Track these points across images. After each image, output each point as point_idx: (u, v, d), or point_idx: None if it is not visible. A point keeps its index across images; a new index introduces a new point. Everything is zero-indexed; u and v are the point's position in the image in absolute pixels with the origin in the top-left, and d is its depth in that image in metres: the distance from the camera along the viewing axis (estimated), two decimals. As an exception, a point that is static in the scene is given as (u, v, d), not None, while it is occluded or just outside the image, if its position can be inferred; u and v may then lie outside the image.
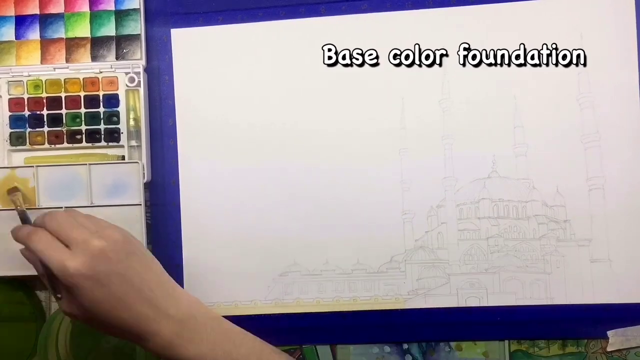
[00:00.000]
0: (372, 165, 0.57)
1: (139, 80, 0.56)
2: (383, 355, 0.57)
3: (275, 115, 0.57)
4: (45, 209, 0.55)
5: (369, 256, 0.57)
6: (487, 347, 0.56)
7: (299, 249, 0.57)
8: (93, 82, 0.57)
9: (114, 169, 0.55)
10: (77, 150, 0.57)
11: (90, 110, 0.57)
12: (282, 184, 0.57)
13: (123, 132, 0.57)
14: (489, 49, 0.56)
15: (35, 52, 0.58)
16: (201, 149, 0.58)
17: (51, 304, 0.59)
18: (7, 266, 0.55)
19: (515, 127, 0.55)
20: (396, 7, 0.56)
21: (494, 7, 0.56)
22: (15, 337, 0.57)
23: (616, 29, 0.55)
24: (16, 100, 0.57)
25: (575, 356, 0.55)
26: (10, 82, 0.57)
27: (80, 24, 0.58)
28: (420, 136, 0.56)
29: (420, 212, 0.56)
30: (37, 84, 0.57)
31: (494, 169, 0.56)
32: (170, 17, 0.58)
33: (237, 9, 0.57)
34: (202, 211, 0.57)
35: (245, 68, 0.57)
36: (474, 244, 0.56)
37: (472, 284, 0.56)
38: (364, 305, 0.56)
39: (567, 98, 0.55)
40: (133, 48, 0.57)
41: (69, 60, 0.57)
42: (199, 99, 0.58)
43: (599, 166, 0.55)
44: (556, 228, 0.55)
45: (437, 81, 0.56)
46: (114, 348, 0.57)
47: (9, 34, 0.58)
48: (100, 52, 0.57)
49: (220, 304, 0.57)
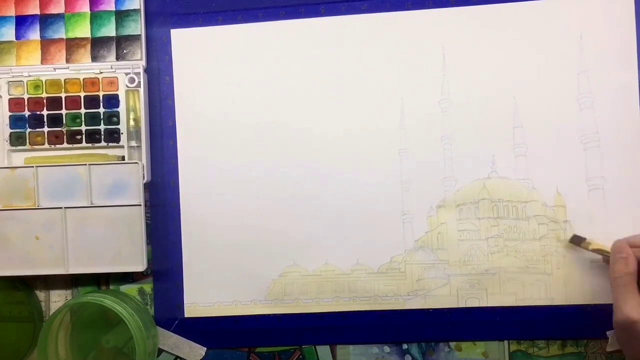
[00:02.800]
0: (372, 165, 0.57)
1: (139, 80, 0.57)
2: (383, 355, 0.57)
3: (275, 115, 0.57)
4: (45, 209, 0.55)
5: (369, 256, 0.57)
6: (487, 347, 0.56)
7: (298, 249, 0.57)
8: (93, 82, 0.57)
9: (113, 169, 0.55)
10: (77, 150, 0.57)
11: (90, 111, 0.57)
12: (281, 184, 0.57)
13: (123, 133, 0.57)
14: (489, 49, 0.56)
15: (35, 53, 0.58)
16: (201, 149, 0.58)
17: (51, 303, 0.59)
18: (7, 266, 0.55)
19: (515, 127, 0.55)
20: (396, 7, 0.56)
21: (494, 7, 0.56)
22: (15, 337, 0.57)
23: (616, 29, 0.55)
24: (16, 100, 0.57)
25: (575, 356, 0.55)
26: (11, 82, 0.57)
27: (80, 25, 0.58)
28: (420, 136, 0.56)
29: (420, 213, 0.56)
30: (37, 84, 0.57)
31: (494, 169, 0.56)
32: (170, 17, 0.58)
33: (237, 9, 0.57)
34: (202, 211, 0.57)
35: (245, 68, 0.57)
36: (473, 244, 0.56)
37: (472, 285, 0.56)
38: (363, 305, 0.56)
39: (567, 98, 0.55)
40: (133, 48, 0.57)
41: (69, 60, 0.57)
42: (198, 99, 0.58)
43: (598, 166, 0.55)
44: (556, 228, 0.55)
45: (437, 81, 0.56)
46: (114, 348, 0.57)
47: (9, 34, 0.58)
48: (101, 52, 0.57)
49: (220, 304, 0.57)
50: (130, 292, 0.58)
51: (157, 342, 0.57)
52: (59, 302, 0.58)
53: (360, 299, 0.57)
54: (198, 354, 0.57)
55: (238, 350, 0.58)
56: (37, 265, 0.55)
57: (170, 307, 0.58)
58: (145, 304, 0.58)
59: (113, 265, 0.55)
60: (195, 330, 0.57)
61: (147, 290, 0.58)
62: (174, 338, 0.57)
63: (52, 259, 0.55)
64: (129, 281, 0.58)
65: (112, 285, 0.58)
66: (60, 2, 0.58)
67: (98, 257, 0.55)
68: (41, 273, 0.55)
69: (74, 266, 0.55)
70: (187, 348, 0.57)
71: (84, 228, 0.55)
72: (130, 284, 0.58)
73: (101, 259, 0.55)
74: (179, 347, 0.57)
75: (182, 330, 0.57)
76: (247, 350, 0.58)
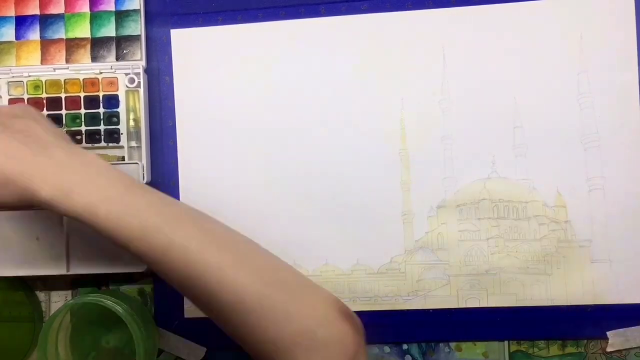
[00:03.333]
0: (372, 165, 0.56)
1: (139, 81, 0.56)
2: (383, 355, 0.57)
3: (275, 115, 0.57)
4: (45, 210, 0.55)
5: (369, 257, 0.56)
6: (487, 347, 0.56)
7: (298, 249, 0.57)
8: (93, 82, 0.57)
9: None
10: None
11: (90, 111, 0.57)
12: (281, 184, 0.57)
13: (123, 133, 0.57)
14: (489, 49, 0.56)
15: (35, 53, 0.58)
16: (201, 150, 0.58)
17: (51, 304, 0.59)
18: (8, 266, 0.55)
19: (515, 127, 0.55)
20: (396, 7, 0.56)
21: (494, 7, 0.56)
22: (14, 337, 0.57)
23: (616, 29, 0.55)
24: (16, 100, 0.57)
25: (575, 356, 0.55)
26: (10, 83, 0.57)
27: (80, 25, 0.58)
28: (420, 136, 0.56)
29: (420, 213, 0.56)
30: (37, 84, 0.57)
31: (494, 169, 0.56)
32: (170, 17, 0.58)
33: (237, 9, 0.57)
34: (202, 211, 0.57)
35: (245, 68, 0.57)
36: (474, 244, 0.56)
37: (472, 285, 0.56)
38: (363, 305, 0.56)
39: (567, 98, 0.55)
40: (133, 49, 0.57)
41: (69, 60, 0.57)
42: (198, 100, 0.58)
43: (599, 166, 0.55)
44: (557, 229, 0.55)
45: (437, 81, 0.56)
46: (114, 348, 0.57)
47: (9, 34, 0.58)
48: (101, 52, 0.57)
49: (220, 304, 0.57)
50: (130, 292, 0.58)
51: (157, 342, 0.57)
52: (59, 302, 0.58)
53: (360, 299, 0.56)
54: (198, 354, 0.57)
55: (238, 351, 0.58)
56: (38, 265, 0.55)
57: (170, 307, 0.58)
58: (145, 304, 0.58)
59: (113, 265, 0.55)
60: (195, 330, 0.57)
61: (147, 290, 0.58)
62: (174, 338, 0.57)
63: (53, 259, 0.55)
64: (129, 281, 0.58)
65: (112, 286, 0.58)
66: (60, 2, 0.58)
67: (98, 257, 0.55)
68: (42, 273, 0.55)
69: (74, 267, 0.55)
70: (187, 348, 0.57)
71: (85, 228, 0.55)
72: (130, 284, 0.58)
73: (102, 259, 0.55)
74: (179, 347, 0.57)
75: (182, 330, 0.57)
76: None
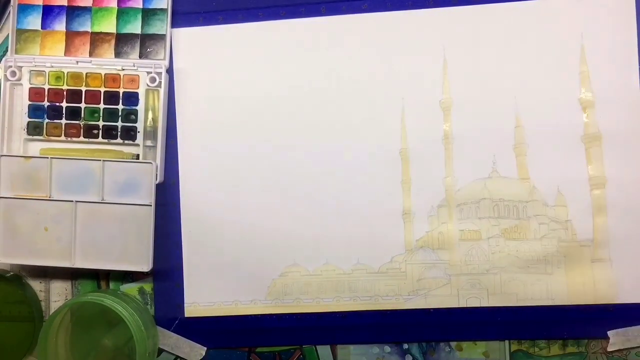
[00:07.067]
0: (372, 165, 0.56)
1: (160, 80, 0.56)
2: (383, 355, 0.57)
3: (275, 115, 0.57)
4: (56, 201, 0.55)
5: (369, 256, 0.56)
6: (488, 347, 0.56)
7: (298, 249, 0.57)
8: (114, 78, 0.57)
9: (127, 167, 0.55)
10: (93, 145, 0.57)
11: (109, 107, 0.56)
12: (282, 184, 0.57)
13: (140, 131, 0.56)
14: (490, 48, 0.56)
15: (59, 44, 0.57)
16: (201, 149, 0.58)
17: (51, 303, 0.59)
18: (14, 255, 0.55)
19: (516, 127, 0.55)
20: (397, 7, 0.56)
21: (495, 7, 0.56)
22: (14, 337, 0.57)
23: (616, 29, 0.55)
24: (36, 89, 0.57)
25: (576, 356, 0.55)
26: (32, 72, 0.57)
27: (106, 19, 0.57)
28: (420, 136, 0.56)
29: (421, 212, 0.56)
30: (58, 75, 0.57)
31: (495, 168, 0.56)
32: (171, 16, 0.58)
33: (238, 9, 0.57)
34: (202, 211, 0.57)
35: (245, 68, 0.57)
36: (474, 244, 0.56)
37: (472, 285, 0.56)
38: (364, 305, 0.56)
39: (567, 98, 0.55)
40: (157, 48, 0.57)
41: (92, 54, 0.57)
42: (199, 99, 0.58)
43: (599, 166, 0.55)
44: (557, 228, 0.55)
45: (437, 81, 0.56)
46: (114, 348, 0.57)
47: (36, 22, 0.57)
48: (124, 49, 0.57)
49: (220, 304, 0.57)
50: (130, 292, 0.58)
51: (157, 342, 0.57)
52: (59, 301, 0.58)
53: (361, 299, 0.56)
54: (198, 354, 0.57)
55: (238, 350, 0.58)
56: (44, 256, 0.55)
57: (170, 307, 0.58)
58: (145, 303, 0.58)
59: (118, 263, 0.55)
60: (195, 330, 0.57)
61: (147, 290, 0.58)
62: (174, 338, 0.57)
63: (59, 251, 0.55)
64: (129, 280, 0.58)
65: (112, 284, 0.58)
66: (89, -5, 0.58)
67: (104, 253, 0.55)
68: (47, 264, 0.55)
69: (80, 260, 0.55)
70: (187, 348, 0.57)
71: (93, 223, 0.55)
72: (130, 284, 0.58)
73: (107, 256, 0.55)
74: (179, 347, 0.57)
75: (182, 330, 0.57)
76: (248, 350, 0.58)
